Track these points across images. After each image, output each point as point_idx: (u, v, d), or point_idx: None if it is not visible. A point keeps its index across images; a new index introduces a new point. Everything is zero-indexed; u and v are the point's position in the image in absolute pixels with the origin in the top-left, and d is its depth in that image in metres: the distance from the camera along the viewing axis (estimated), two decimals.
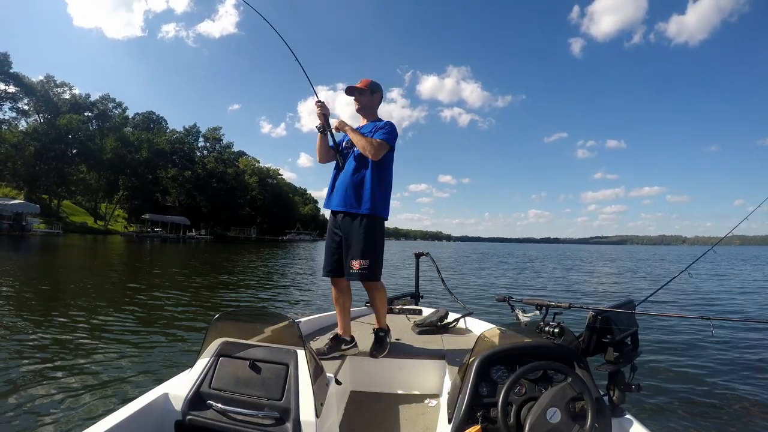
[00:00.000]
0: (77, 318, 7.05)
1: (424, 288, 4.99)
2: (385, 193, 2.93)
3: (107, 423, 1.49)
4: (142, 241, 47.92)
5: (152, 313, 7.92)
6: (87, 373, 4.48)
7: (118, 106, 71.99)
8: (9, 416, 3.40)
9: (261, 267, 20.30)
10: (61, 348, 5.32)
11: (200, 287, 12.26)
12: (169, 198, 78.28)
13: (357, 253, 2.79)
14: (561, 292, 13.71)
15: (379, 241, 2.89)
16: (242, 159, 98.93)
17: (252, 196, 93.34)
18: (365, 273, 2.79)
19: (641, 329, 1.97)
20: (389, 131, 2.88)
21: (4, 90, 54.79)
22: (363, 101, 3.05)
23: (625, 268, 28.17)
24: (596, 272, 23.29)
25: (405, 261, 26.07)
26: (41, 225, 47.22)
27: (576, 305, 2.02)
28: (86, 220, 64.67)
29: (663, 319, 7.48)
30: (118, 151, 66.40)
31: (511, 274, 20.31)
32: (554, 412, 1.48)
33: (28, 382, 4.15)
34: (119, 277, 14.46)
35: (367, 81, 3.06)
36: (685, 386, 4.74)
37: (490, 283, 15.83)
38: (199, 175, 79.78)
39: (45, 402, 3.71)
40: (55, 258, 21.16)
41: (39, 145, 55.75)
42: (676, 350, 6.12)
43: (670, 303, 10.76)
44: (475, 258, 37.52)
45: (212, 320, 1.78)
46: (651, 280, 18.32)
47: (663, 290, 2.95)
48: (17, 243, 30.17)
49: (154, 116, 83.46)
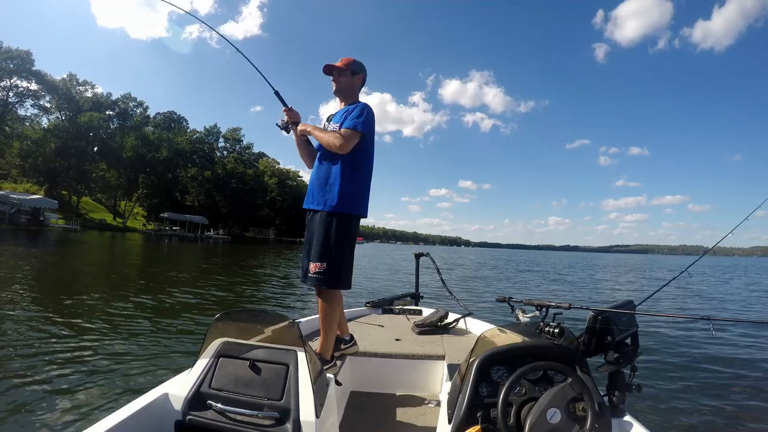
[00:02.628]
0: (78, 315, 7.01)
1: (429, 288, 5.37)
2: (358, 186, 2.63)
3: (107, 423, 1.49)
4: (159, 240, 48.22)
5: (156, 313, 7.78)
6: (87, 373, 4.42)
7: (139, 105, 72.71)
8: (9, 416, 3.37)
9: (280, 268, 19.98)
10: (61, 348, 5.22)
11: (210, 287, 12.04)
12: (188, 197, 78.63)
13: (315, 254, 2.54)
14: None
15: (342, 240, 2.55)
16: (262, 160, 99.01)
17: (271, 197, 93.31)
18: (320, 278, 2.50)
19: (641, 330, 1.95)
20: (359, 116, 2.58)
21: (27, 87, 55.47)
22: (342, 82, 2.78)
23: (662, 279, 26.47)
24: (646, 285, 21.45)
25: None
26: (60, 221, 47.91)
27: (576, 305, 1.94)
28: (105, 217, 65.05)
29: (663, 320, 7.47)
30: (139, 149, 66.91)
31: (551, 285, 18.90)
32: (554, 412, 1.47)
33: (28, 381, 4.10)
34: (126, 275, 14.21)
35: (349, 60, 2.79)
36: (685, 387, 4.76)
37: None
38: (218, 175, 79.98)
39: (45, 402, 3.67)
40: (66, 253, 21.38)
41: (59, 142, 56.39)
42: (677, 351, 6.13)
43: (670, 303, 10.92)
44: (498, 265, 35.92)
45: (212, 320, 1.79)
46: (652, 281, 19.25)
47: (663, 290, 3.02)
48: (33, 237, 30.12)
49: (175, 116, 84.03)
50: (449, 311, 3.85)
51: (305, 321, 3.40)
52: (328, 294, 2.59)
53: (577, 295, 14.93)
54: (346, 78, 2.78)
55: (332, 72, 2.77)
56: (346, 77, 2.77)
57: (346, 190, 2.56)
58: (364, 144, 2.62)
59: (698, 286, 18.55)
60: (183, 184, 76.30)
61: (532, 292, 15.01)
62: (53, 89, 57.93)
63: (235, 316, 2.00)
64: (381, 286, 14.03)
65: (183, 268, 18.17)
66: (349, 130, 2.54)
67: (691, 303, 11.68)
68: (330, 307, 2.59)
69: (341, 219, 2.57)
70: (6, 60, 51.67)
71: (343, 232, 2.56)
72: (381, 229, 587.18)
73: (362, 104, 2.69)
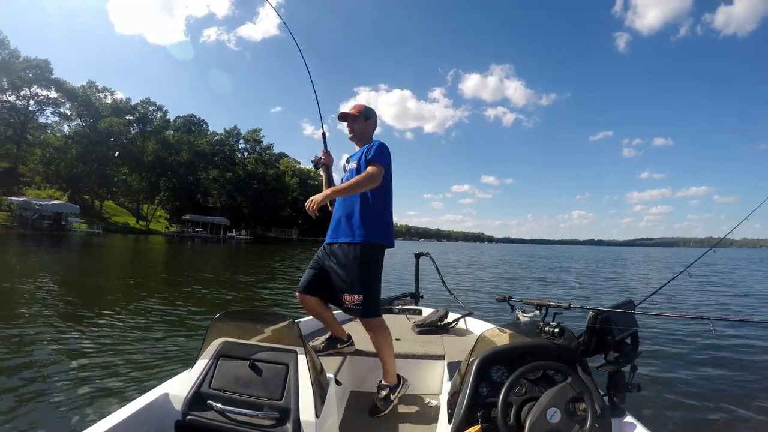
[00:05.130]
0: (82, 316, 7.12)
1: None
2: (384, 218, 2.74)
3: (107, 423, 1.50)
4: (182, 242, 48.53)
5: (164, 316, 7.71)
6: (87, 373, 4.46)
7: (159, 109, 73.28)
8: (8, 415, 3.40)
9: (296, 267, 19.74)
10: (62, 348, 5.30)
11: (223, 287, 12.15)
12: (210, 199, 79.22)
13: (349, 286, 2.61)
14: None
15: (376, 272, 2.69)
16: (283, 160, 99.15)
17: (293, 197, 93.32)
18: (360, 308, 2.59)
19: (641, 329, 1.95)
20: (377, 153, 2.71)
21: (46, 95, 56.56)
22: (356, 128, 2.93)
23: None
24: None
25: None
26: (83, 225, 48.48)
27: (576, 305, 1.99)
28: (128, 220, 65.62)
29: (663, 319, 7.41)
30: (159, 153, 67.45)
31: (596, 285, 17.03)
32: (554, 412, 1.47)
33: (28, 381, 4.13)
34: (140, 276, 14.27)
35: (361, 107, 2.96)
36: (685, 386, 4.75)
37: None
38: (239, 176, 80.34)
39: (44, 402, 3.70)
40: (85, 256, 21.74)
41: (81, 148, 57.14)
42: (677, 350, 6.13)
43: (669, 303, 10.71)
44: (530, 264, 33.56)
45: (212, 320, 1.80)
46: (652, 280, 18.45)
47: (663, 290, 2.96)
48: (55, 242, 30.25)
49: (195, 119, 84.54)
50: (449, 311, 3.90)
51: (305, 321, 3.42)
52: (372, 322, 2.65)
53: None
54: (360, 124, 2.91)
55: (347, 119, 2.90)
56: (360, 123, 2.91)
57: (374, 222, 2.66)
58: (385, 175, 2.70)
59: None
60: (204, 185, 76.93)
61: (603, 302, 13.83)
62: (73, 96, 58.82)
63: (235, 316, 2.02)
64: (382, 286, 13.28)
65: (204, 269, 18.21)
66: (374, 166, 2.63)
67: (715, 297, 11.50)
68: (381, 332, 2.67)
69: (373, 249, 2.64)
70: (25, 69, 52.65)
71: (376, 264, 2.66)
72: (404, 227, 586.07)
73: (378, 141, 2.81)
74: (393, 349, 2.72)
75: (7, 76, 51.28)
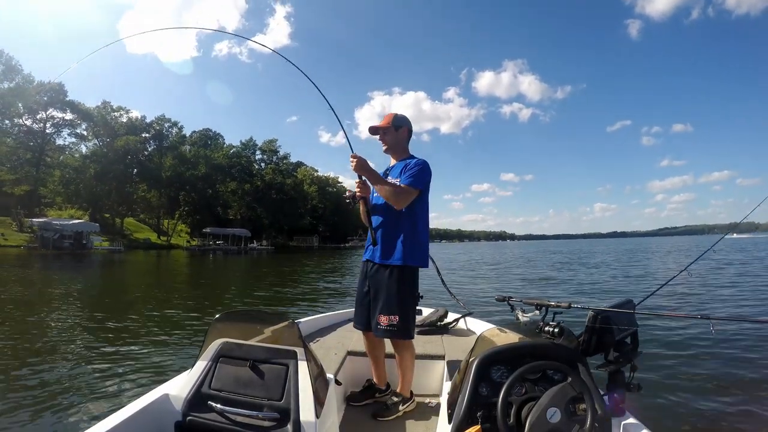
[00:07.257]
0: (87, 320, 7.62)
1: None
2: (420, 239, 2.68)
3: (107, 423, 1.51)
4: (203, 255, 48.02)
5: (173, 322, 7.90)
6: (88, 373, 4.61)
7: (174, 125, 73.28)
8: (8, 415, 3.47)
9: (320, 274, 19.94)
10: (63, 348, 5.55)
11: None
12: (230, 211, 79.14)
13: (385, 307, 2.60)
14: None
15: (412, 293, 2.67)
16: (300, 169, 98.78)
17: (312, 205, 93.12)
18: (394, 330, 2.58)
19: (641, 329, 1.94)
20: (416, 174, 2.62)
21: (62, 117, 57.03)
22: (389, 140, 2.81)
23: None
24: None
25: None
26: (104, 242, 48.58)
27: (576, 305, 1.99)
28: (150, 236, 65.58)
29: (663, 319, 7.26)
30: (177, 168, 67.44)
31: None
32: (554, 412, 1.47)
33: (28, 380, 4.29)
34: (159, 289, 14.64)
35: (390, 116, 2.81)
36: (685, 386, 4.73)
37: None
38: (258, 187, 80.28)
39: (44, 402, 3.75)
40: (105, 272, 22.32)
41: (99, 167, 57.42)
42: (677, 350, 6.10)
43: (670, 302, 10.57)
44: (567, 261, 31.60)
45: (212, 321, 1.80)
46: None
47: (663, 290, 2.98)
48: (77, 261, 30.20)
49: (211, 133, 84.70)
50: (449, 311, 3.95)
51: (305, 321, 3.51)
52: (403, 344, 2.67)
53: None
54: (391, 135, 2.79)
55: (378, 132, 2.81)
56: (391, 134, 2.79)
57: (412, 243, 2.61)
58: (422, 197, 2.67)
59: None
60: (223, 198, 76.92)
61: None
62: (88, 117, 59.14)
63: (235, 316, 2.02)
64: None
65: (225, 281, 18.36)
66: (409, 187, 2.58)
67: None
68: (411, 353, 2.71)
69: (410, 272, 2.62)
70: (39, 94, 53.09)
71: (412, 285, 2.64)
72: None
73: (421, 161, 2.69)
74: (413, 369, 2.75)
75: (23, 101, 51.83)
